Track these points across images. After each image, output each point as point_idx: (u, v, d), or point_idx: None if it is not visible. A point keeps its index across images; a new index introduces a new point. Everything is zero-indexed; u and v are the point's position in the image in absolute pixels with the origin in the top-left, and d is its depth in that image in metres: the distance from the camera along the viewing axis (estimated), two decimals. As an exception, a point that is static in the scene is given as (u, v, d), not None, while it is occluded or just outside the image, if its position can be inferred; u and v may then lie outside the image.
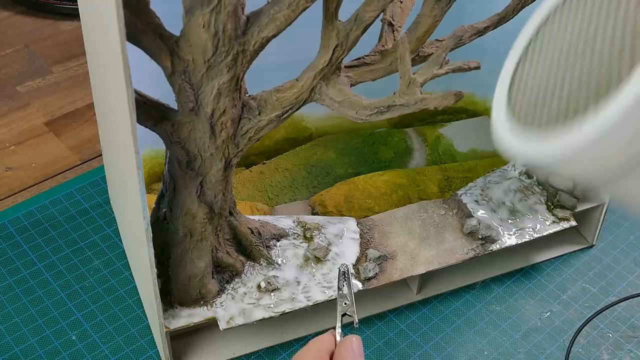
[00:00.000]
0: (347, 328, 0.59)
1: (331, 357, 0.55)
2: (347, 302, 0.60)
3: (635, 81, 0.34)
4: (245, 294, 0.73)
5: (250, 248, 0.74)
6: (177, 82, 0.61)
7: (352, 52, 0.65)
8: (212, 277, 0.72)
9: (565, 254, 0.88)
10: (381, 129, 1.00)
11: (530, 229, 0.81)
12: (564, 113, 0.39)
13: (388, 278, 0.76)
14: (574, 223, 0.82)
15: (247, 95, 0.66)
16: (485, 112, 1.01)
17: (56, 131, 1.02)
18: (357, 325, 0.60)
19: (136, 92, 0.59)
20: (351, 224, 0.80)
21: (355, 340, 0.55)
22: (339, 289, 0.61)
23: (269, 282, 0.73)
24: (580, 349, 0.78)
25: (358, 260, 0.77)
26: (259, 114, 0.66)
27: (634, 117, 0.34)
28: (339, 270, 0.62)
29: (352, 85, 0.68)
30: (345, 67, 0.69)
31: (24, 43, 1.17)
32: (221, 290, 0.73)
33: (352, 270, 0.75)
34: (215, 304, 0.72)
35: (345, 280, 0.62)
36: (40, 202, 0.91)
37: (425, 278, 0.82)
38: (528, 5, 0.69)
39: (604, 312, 0.82)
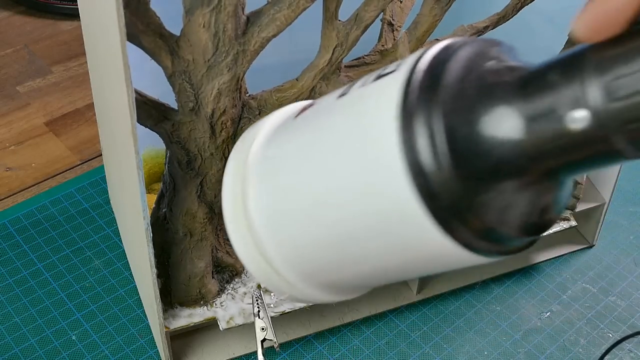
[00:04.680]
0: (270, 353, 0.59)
1: None
2: (264, 327, 0.60)
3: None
4: (245, 293, 0.73)
5: (250, 248, 0.74)
6: (177, 82, 0.61)
7: (352, 52, 0.65)
8: (212, 277, 0.72)
9: (565, 254, 0.88)
10: (381, 129, 1.00)
11: (530, 229, 0.80)
12: None
13: (388, 278, 0.76)
14: (574, 223, 0.82)
15: (247, 95, 0.66)
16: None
17: (56, 131, 1.02)
18: (279, 349, 0.60)
19: (136, 91, 0.59)
20: (351, 224, 0.80)
21: None
22: (255, 315, 0.61)
23: (269, 282, 0.73)
24: (580, 349, 0.78)
25: (358, 260, 0.77)
26: (259, 114, 0.66)
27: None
28: (252, 296, 0.62)
29: (352, 85, 0.68)
30: (345, 67, 0.69)
31: (24, 43, 1.17)
32: (221, 290, 0.73)
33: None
34: (215, 304, 0.72)
35: (259, 306, 0.62)
36: (40, 202, 0.91)
37: (425, 278, 0.81)
38: (528, 4, 0.69)
39: (603, 312, 0.82)
